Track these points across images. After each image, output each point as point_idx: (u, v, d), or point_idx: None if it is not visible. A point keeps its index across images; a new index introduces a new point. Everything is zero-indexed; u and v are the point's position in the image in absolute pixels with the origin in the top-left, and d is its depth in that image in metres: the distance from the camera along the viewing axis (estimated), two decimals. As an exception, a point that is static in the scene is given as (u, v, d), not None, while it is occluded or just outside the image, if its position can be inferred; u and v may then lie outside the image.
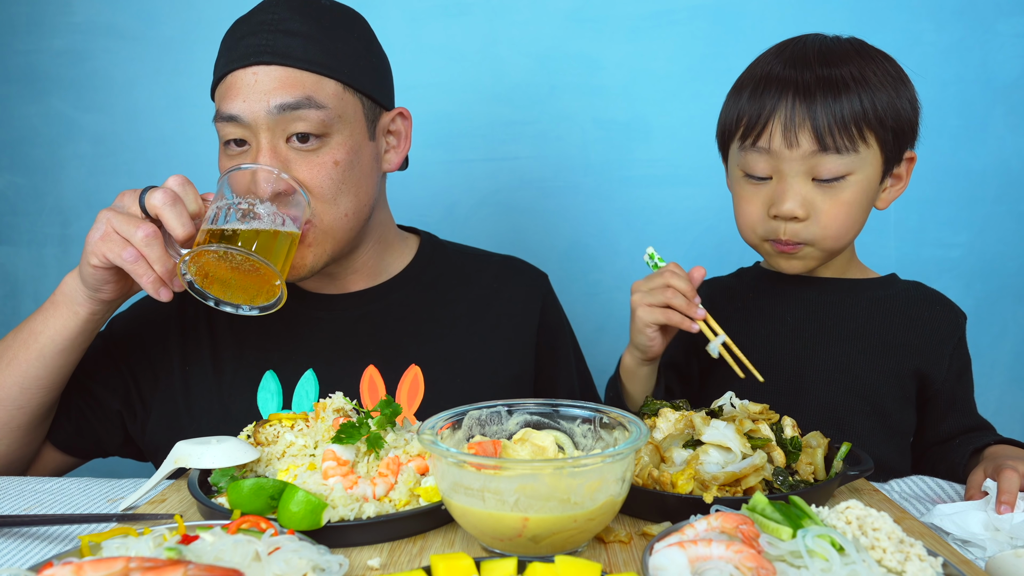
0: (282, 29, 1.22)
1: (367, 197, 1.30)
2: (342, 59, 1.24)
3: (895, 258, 2.05)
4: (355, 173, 1.26)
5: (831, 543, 0.71)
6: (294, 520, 0.85)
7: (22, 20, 2.05)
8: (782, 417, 1.07)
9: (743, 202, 1.31)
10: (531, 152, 2.07)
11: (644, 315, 1.24)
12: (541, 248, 2.08)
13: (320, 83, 1.22)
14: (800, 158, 1.22)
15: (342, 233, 1.28)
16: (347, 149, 1.25)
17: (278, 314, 1.38)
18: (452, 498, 0.84)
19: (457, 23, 2.02)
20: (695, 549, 0.73)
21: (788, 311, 1.38)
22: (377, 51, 1.34)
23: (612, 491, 0.83)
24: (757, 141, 1.24)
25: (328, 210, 1.24)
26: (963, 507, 0.97)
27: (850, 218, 1.26)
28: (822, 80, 1.22)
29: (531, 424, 1.00)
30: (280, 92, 1.19)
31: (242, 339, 1.37)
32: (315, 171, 1.22)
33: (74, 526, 0.98)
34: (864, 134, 1.21)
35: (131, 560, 0.68)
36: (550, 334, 1.50)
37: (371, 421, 1.01)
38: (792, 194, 1.23)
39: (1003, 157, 2.05)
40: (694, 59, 2.02)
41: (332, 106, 1.22)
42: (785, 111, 1.22)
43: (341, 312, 1.40)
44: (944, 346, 1.34)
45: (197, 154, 2.08)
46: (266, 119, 1.19)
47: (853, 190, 1.24)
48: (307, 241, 1.24)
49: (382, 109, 1.33)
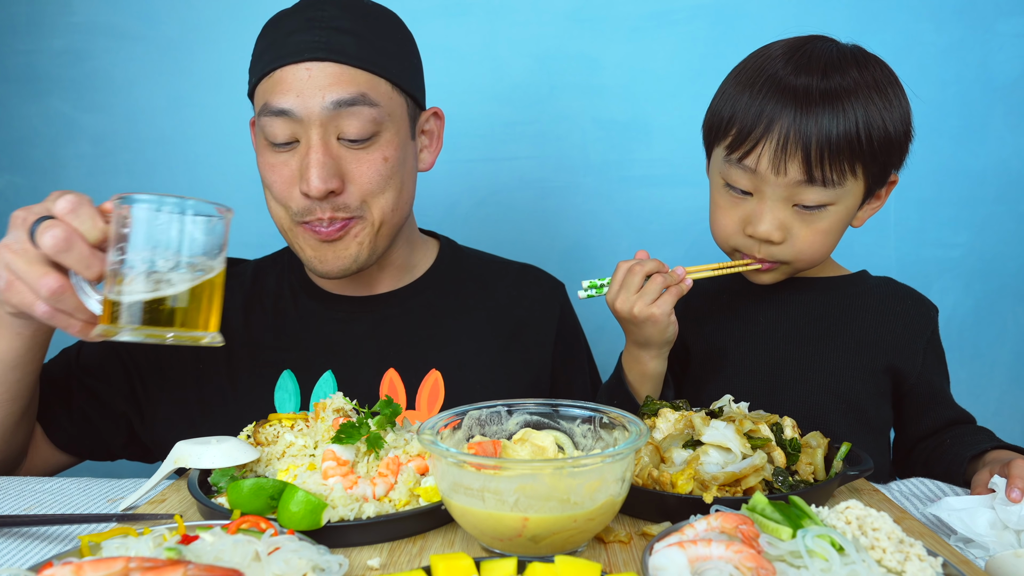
0: (334, 26, 1.22)
1: (409, 195, 1.34)
2: (390, 58, 1.26)
3: (895, 258, 2.05)
4: (402, 170, 1.29)
5: (831, 543, 0.71)
6: (294, 520, 0.85)
7: (22, 20, 2.05)
8: (782, 417, 1.07)
9: (719, 211, 1.31)
10: (531, 152, 2.07)
11: (662, 310, 1.20)
12: (541, 248, 2.08)
13: (373, 81, 1.23)
14: (785, 185, 1.21)
15: (388, 228, 1.30)
16: (395, 146, 1.26)
17: (297, 314, 1.39)
18: (452, 498, 0.84)
19: (457, 23, 2.03)
20: (695, 549, 0.73)
21: (761, 311, 1.39)
22: (415, 51, 1.35)
23: (612, 491, 0.83)
24: (745, 159, 1.22)
25: (376, 205, 1.26)
26: (971, 502, 0.97)
27: (825, 244, 1.26)
28: (823, 94, 1.18)
29: (531, 424, 1.00)
30: (336, 88, 1.20)
31: (258, 338, 1.37)
32: (365, 167, 1.23)
33: (74, 526, 0.97)
34: (854, 168, 1.20)
35: (131, 560, 0.68)
36: (566, 343, 1.51)
37: (371, 421, 1.01)
38: (771, 218, 1.23)
39: (1003, 157, 2.05)
40: (694, 59, 2.03)
41: (384, 104, 1.24)
42: (780, 134, 1.18)
43: (363, 314, 1.40)
44: (917, 341, 1.34)
45: (197, 154, 2.08)
46: (320, 115, 1.20)
47: (832, 219, 1.24)
48: (356, 236, 1.26)
49: (420, 109, 1.35)
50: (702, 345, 1.41)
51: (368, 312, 1.40)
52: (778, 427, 1.04)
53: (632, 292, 1.22)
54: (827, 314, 1.36)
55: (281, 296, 1.42)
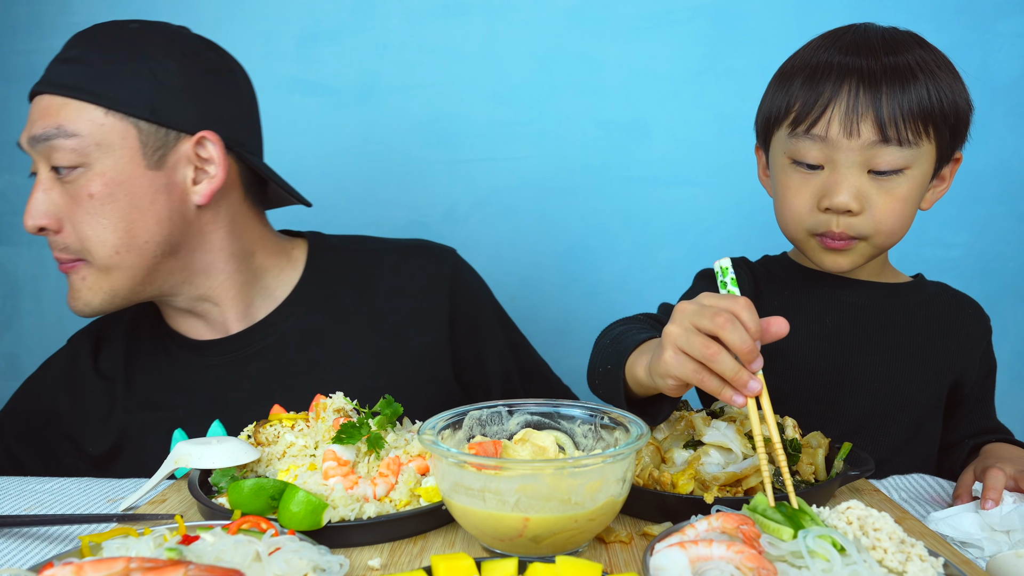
0: (62, 57, 1.21)
1: (146, 232, 1.20)
2: (112, 82, 1.18)
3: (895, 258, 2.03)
4: (119, 207, 1.18)
5: (832, 543, 0.71)
6: (294, 520, 0.85)
7: (22, 20, 2.05)
8: (783, 417, 1.07)
9: (789, 192, 1.20)
10: (531, 152, 2.07)
11: (671, 362, 0.88)
12: (541, 248, 2.08)
13: (78, 111, 1.17)
14: (858, 148, 1.13)
15: (122, 273, 1.21)
16: (106, 180, 1.17)
17: (176, 369, 1.32)
18: (453, 498, 0.84)
19: (457, 23, 2.02)
20: (696, 549, 0.73)
21: (827, 313, 1.29)
22: (186, 71, 1.22)
23: (613, 491, 0.83)
24: (812, 128, 1.15)
25: (92, 245, 1.19)
26: (956, 511, 0.98)
27: (904, 214, 1.17)
28: (889, 69, 1.14)
29: (532, 424, 1.00)
30: (40, 123, 1.18)
31: (143, 400, 1.31)
32: (71, 203, 1.18)
33: (74, 526, 0.97)
34: (928, 128, 1.13)
35: (131, 560, 0.68)
36: (465, 310, 1.41)
37: (372, 421, 1.01)
38: (847, 186, 1.14)
39: (1003, 157, 2.04)
40: (694, 59, 2.02)
41: (87, 133, 1.16)
42: (848, 99, 1.13)
43: (237, 352, 1.32)
44: (975, 350, 1.30)
45: (197, 154, 2.08)
46: (31, 151, 1.20)
47: (909, 185, 1.16)
48: (84, 279, 1.21)
49: (179, 134, 1.21)
50: None
51: (242, 349, 1.33)
52: (779, 427, 1.04)
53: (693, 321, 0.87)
54: (894, 322, 1.28)
55: (156, 352, 1.35)
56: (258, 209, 1.37)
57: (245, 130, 1.30)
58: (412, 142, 2.07)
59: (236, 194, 1.30)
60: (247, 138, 1.30)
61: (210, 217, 1.27)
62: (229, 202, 1.28)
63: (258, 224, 1.35)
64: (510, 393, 1.45)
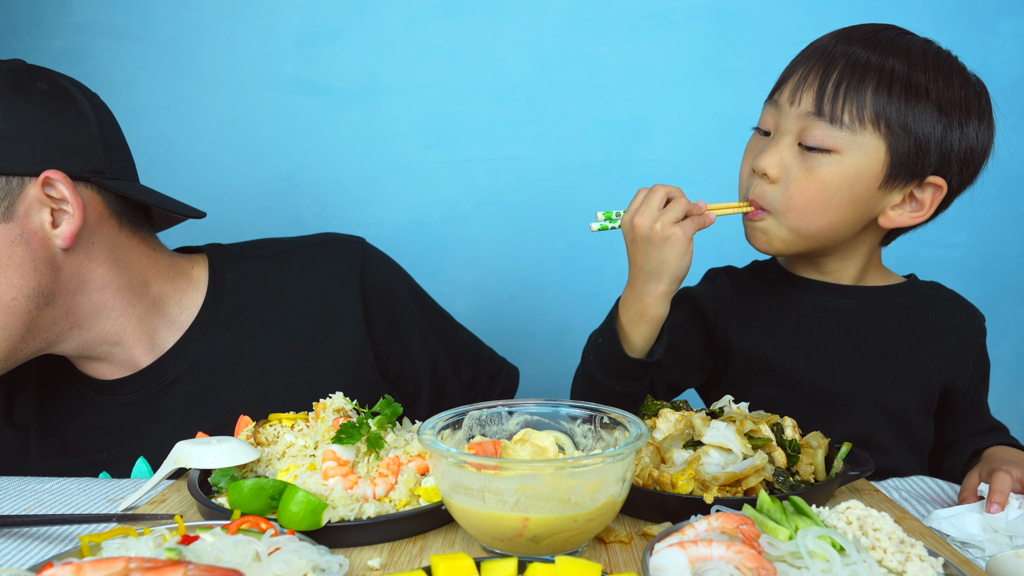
0: None
1: (11, 289, 1.12)
2: None
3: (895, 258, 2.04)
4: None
5: (832, 543, 0.71)
6: (294, 520, 0.85)
7: (22, 20, 2.05)
8: (783, 417, 1.07)
9: (744, 157, 1.24)
10: (531, 152, 2.07)
11: (684, 232, 1.10)
12: (541, 248, 2.08)
13: None
14: (796, 116, 1.15)
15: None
16: None
17: (91, 412, 1.28)
18: (452, 498, 0.84)
19: (457, 23, 2.02)
20: (695, 549, 0.73)
21: (814, 322, 1.27)
22: (13, 112, 1.12)
23: (612, 491, 0.83)
24: (774, 95, 1.20)
25: None
26: (959, 510, 0.98)
27: (819, 197, 1.14)
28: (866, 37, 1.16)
29: (531, 424, 1.00)
30: None
31: (62, 446, 1.28)
32: None
33: (74, 526, 0.97)
34: (875, 119, 1.12)
35: (131, 560, 0.68)
36: (379, 304, 1.36)
37: (371, 421, 1.01)
38: (773, 151, 1.16)
39: (1003, 157, 2.03)
40: (694, 59, 2.03)
41: None
42: (805, 70, 1.16)
43: (150, 388, 1.28)
44: (968, 354, 1.28)
45: (197, 154, 2.08)
46: None
47: (833, 170, 1.13)
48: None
49: (22, 179, 1.12)
50: (747, 348, 1.29)
51: (155, 383, 1.28)
52: (778, 427, 1.04)
53: (654, 209, 1.11)
54: (884, 328, 1.26)
55: (69, 398, 1.30)
56: (144, 235, 1.27)
57: (99, 157, 1.19)
58: (412, 142, 2.08)
59: (109, 225, 1.20)
60: (104, 164, 1.20)
61: (83, 257, 1.18)
62: (103, 236, 1.19)
63: (145, 251, 1.26)
64: (440, 380, 1.42)
